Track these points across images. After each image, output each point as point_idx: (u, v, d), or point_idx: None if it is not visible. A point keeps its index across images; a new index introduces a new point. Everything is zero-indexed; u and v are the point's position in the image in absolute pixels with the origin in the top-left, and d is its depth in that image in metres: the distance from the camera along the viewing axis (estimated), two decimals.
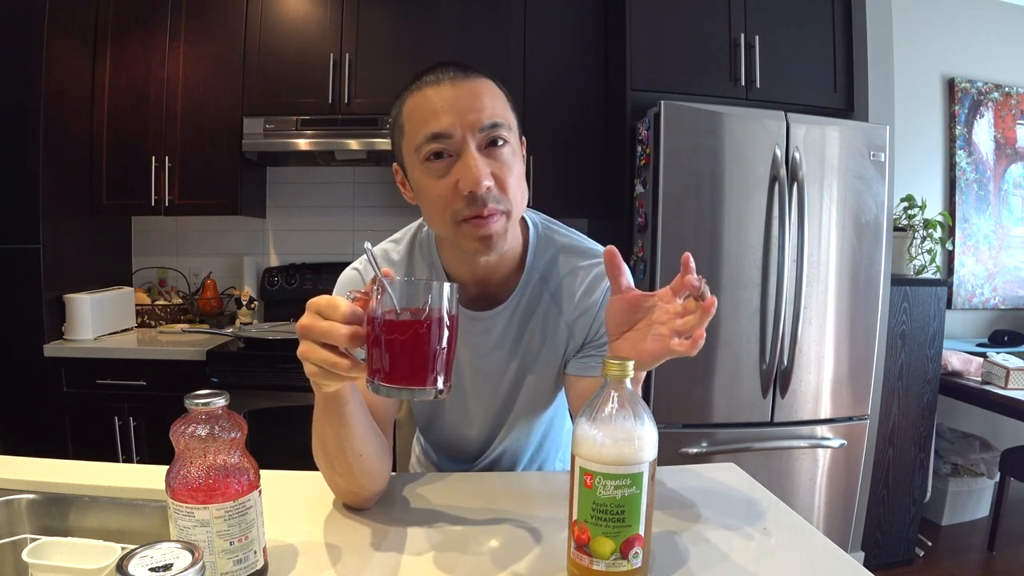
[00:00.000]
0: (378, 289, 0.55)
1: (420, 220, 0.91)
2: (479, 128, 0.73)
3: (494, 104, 0.74)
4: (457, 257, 0.85)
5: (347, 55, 2.30)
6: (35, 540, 0.69)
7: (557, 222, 0.95)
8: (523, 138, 0.83)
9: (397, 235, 0.94)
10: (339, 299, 0.58)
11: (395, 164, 0.83)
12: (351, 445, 0.71)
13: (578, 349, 0.90)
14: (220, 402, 0.59)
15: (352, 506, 0.80)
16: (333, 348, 0.57)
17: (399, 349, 0.55)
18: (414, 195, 0.81)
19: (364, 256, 0.90)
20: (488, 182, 0.72)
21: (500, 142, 0.74)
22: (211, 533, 0.57)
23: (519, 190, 0.77)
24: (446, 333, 0.56)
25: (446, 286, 0.57)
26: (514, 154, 0.77)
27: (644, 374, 0.77)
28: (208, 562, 0.57)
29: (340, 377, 0.58)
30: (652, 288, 1.92)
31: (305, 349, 0.58)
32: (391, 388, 0.56)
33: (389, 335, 0.55)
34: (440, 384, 0.57)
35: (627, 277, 0.70)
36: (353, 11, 2.31)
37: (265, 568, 0.63)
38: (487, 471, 1.00)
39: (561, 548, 0.69)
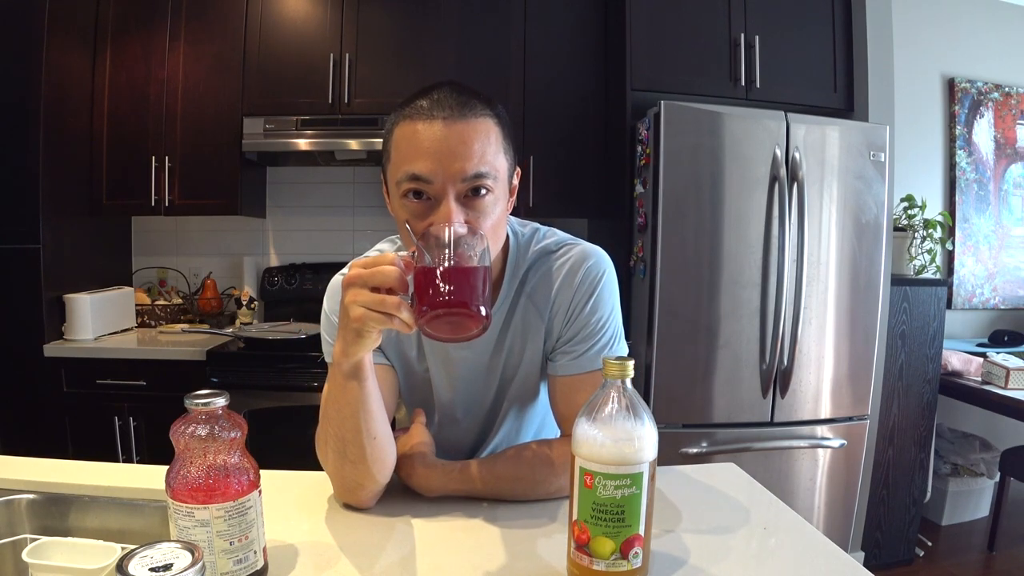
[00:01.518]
0: (419, 249, 0.63)
1: None
2: (462, 178, 0.71)
3: (484, 150, 0.72)
4: None
5: (347, 55, 2.30)
6: (35, 540, 0.69)
7: (541, 227, 0.94)
8: (518, 168, 0.82)
9: (383, 245, 0.94)
10: (383, 253, 0.65)
11: (382, 173, 0.83)
12: (367, 425, 0.73)
13: (553, 347, 0.90)
14: (220, 402, 0.60)
15: (353, 505, 0.80)
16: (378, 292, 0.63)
17: (443, 284, 0.62)
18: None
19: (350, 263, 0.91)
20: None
21: (482, 191, 0.73)
22: (211, 533, 0.57)
23: (492, 236, 0.77)
24: (483, 270, 0.63)
25: (480, 235, 0.66)
26: (496, 201, 0.75)
27: None
28: (208, 562, 0.57)
29: (388, 316, 0.62)
30: (652, 288, 1.91)
31: (353, 294, 0.64)
32: (440, 314, 0.61)
33: (436, 275, 0.62)
34: (483, 312, 0.62)
35: None
36: (353, 11, 2.31)
37: (265, 568, 0.63)
38: None
39: (561, 548, 0.69)
